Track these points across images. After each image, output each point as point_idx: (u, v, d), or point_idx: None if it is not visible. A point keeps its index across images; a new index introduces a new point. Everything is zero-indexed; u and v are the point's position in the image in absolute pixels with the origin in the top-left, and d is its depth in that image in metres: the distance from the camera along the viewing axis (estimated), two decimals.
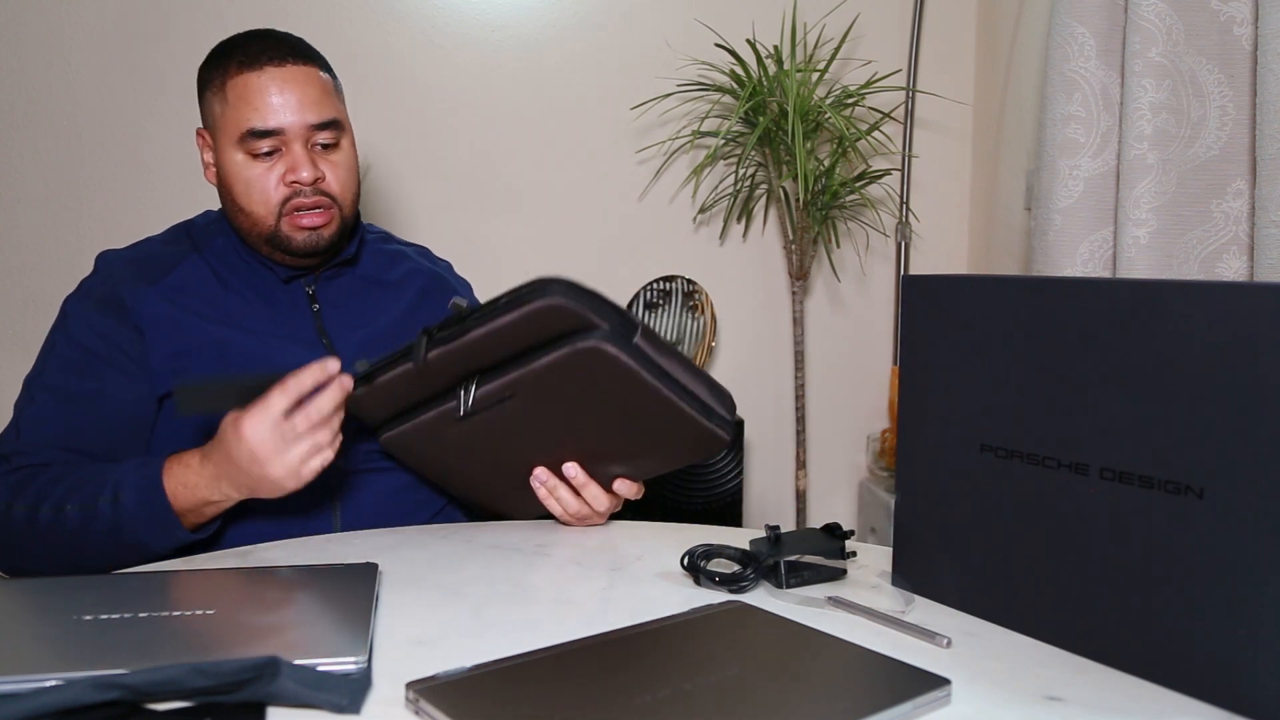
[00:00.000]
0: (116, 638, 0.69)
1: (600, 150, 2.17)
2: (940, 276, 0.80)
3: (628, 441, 0.99)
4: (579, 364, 0.91)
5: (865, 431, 2.30)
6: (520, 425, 0.97)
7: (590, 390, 0.93)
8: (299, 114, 1.10)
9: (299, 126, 1.10)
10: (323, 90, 1.13)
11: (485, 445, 1.01)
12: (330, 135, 1.13)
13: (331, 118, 1.13)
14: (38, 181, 2.03)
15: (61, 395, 1.08)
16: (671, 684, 0.62)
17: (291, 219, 1.12)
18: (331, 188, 1.14)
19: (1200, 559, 0.63)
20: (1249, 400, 0.60)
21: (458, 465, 1.06)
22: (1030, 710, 0.63)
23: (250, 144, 1.10)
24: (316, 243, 1.14)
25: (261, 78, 1.10)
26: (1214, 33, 1.45)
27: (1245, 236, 1.45)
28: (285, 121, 1.10)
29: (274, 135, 1.10)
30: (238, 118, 1.10)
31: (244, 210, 1.13)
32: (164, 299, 1.11)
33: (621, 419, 0.96)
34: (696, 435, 0.97)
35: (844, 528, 0.88)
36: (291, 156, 1.11)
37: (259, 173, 1.11)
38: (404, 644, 0.72)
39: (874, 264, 2.29)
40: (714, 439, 0.98)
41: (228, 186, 1.14)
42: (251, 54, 1.11)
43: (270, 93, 1.09)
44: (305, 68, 1.12)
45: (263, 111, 1.09)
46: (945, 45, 2.25)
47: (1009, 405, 0.74)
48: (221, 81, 1.12)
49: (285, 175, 1.11)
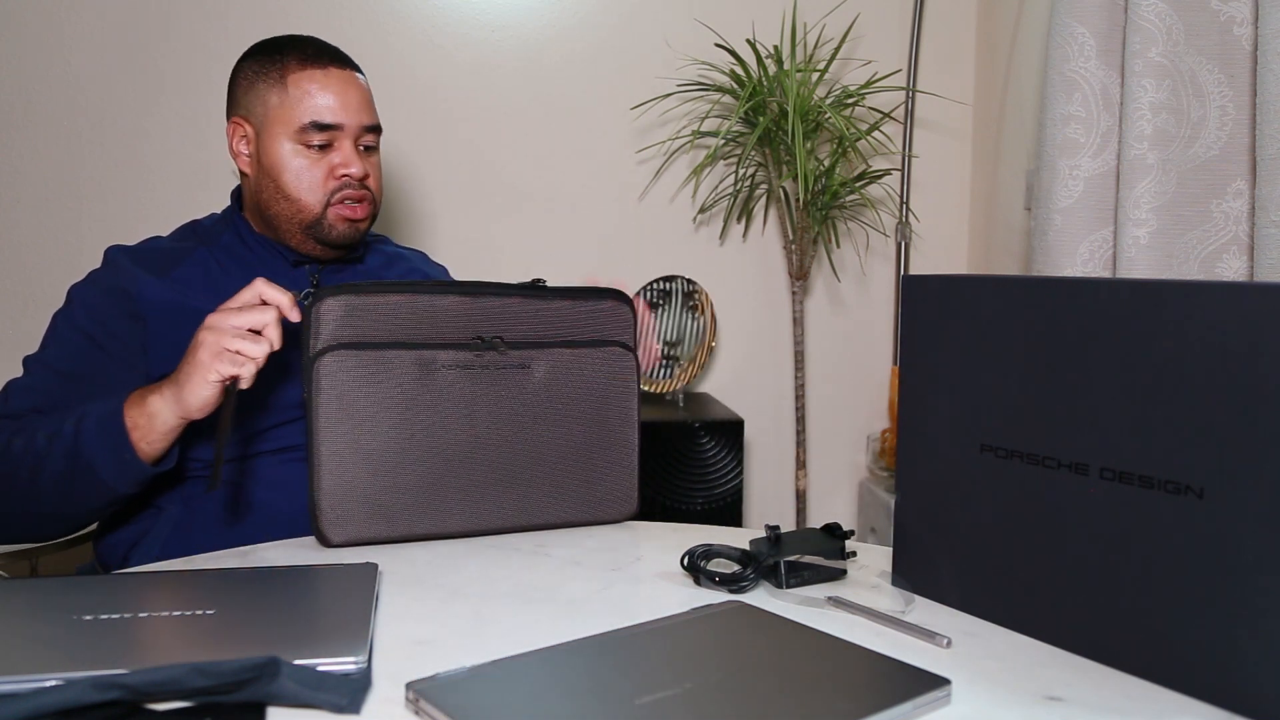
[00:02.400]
0: (116, 638, 0.68)
1: (600, 150, 2.17)
2: (940, 276, 0.80)
3: (572, 464, 1.04)
4: (607, 363, 1.04)
5: (865, 431, 2.30)
6: (510, 398, 1.00)
7: (591, 393, 1.03)
8: (357, 114, 1.19)
9: (355, 126, 1.19)
10: (370, 98, 1.24)
11: (454, 410, 1.00)
12: (374, 139, 1.23)
13: (378, 123, 1.23)
14: (38, 181, 2.03)
15: (54, 371, 1.12)
16: (671, 684, 0.62)
17: (339, 208, 1.19)
18: (373, 185, 1.23)
19: (1200, 559, 0.63)
20: (1249, 400, 0.60)
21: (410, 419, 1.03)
22: (1030, 710, 0.63)
23: (309, 135, 1.17)
24: (354, 235, 1.22)
25: (328, 76, 1.18)
26: (1214, 33, 1.45)
27: (1245, 236, 1.45)
28: (345, 119, 1.18)
29: (332, 130, 1.18)
30: (301, 109, 1.17)
31: (289, 197, 1.18)
32: (169, 289, 1.15)
33: (585, 431, 1.04)
34: (622, 490, 1.06)
35: (844, 528, 0.88)
36: (343, 153, 1.19)
37: (309, 163, 1.18)
38: (404, 644, 0.72)
39: (874, 264, 2.29)
40: (625, 506, 1.07)
41: (274, 175, 1.19)
42: (310, 53, 1.19)
43: (334, 91, 1.18)
44: (355, 74, 1.22)
45: (329, 107, 1.17)
46: (945, 45, 2.25)
47: (1009, 405, 0.74)
48: (280, 74, 1.18)
49: (336, 169, 1.19)
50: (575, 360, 1.04)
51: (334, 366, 0.94)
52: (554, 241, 2.17)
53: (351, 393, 0.95)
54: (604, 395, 1.05)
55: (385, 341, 0.97)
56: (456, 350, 0.99)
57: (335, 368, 0.94)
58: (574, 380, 1.04)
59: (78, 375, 1.12)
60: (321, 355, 0.94)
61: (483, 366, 1.00)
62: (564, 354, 1.03)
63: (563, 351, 1.03)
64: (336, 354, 0.95)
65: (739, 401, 2.21)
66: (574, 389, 1.04)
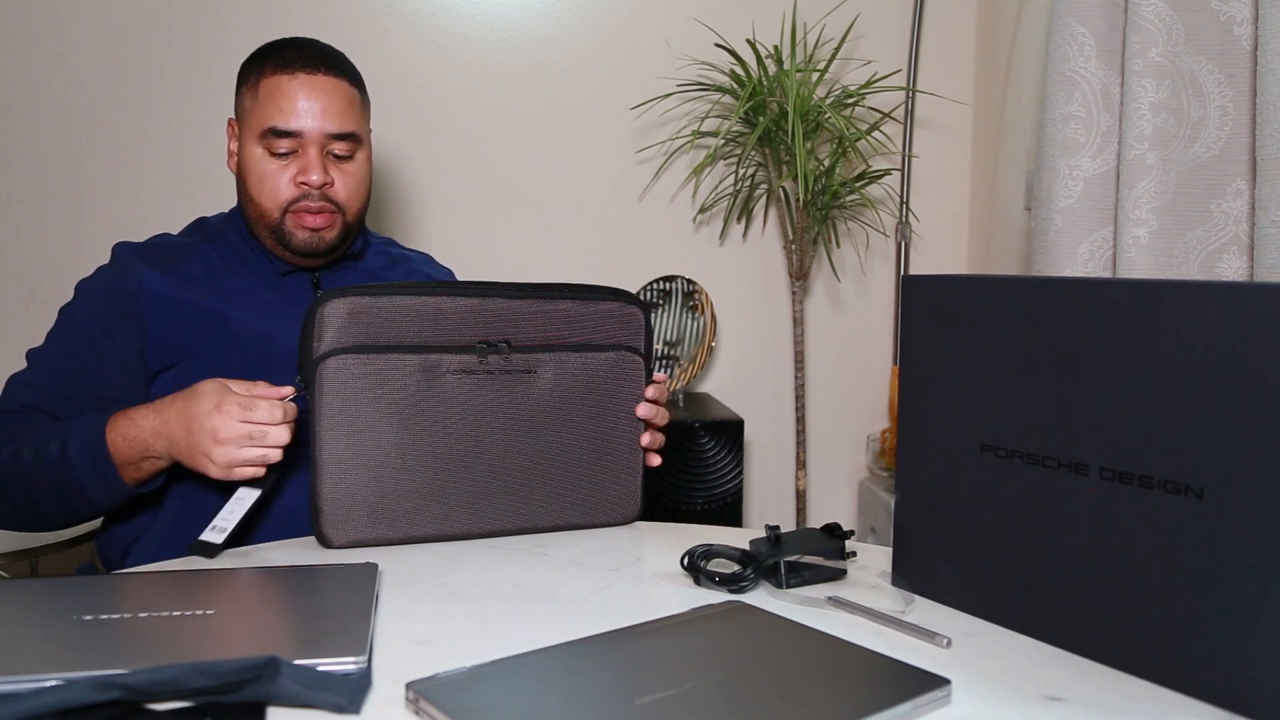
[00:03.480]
0: (116, 638, 0.69)
1: (600, 150, 2.17)
2: (940, 276, 0.80)
3: (576, 468, 1.04)
4: (614, 368, 1.05)
5: (865, 431, 2.30)
6: (514, 402, 1.01)
7: (597, 398, 1.04)
8: (320, 121, 1.17)
9: (317, 133, 1.17)
10: (348, 104, 1.20)
11: (458, 416, 1.00)
12: (346, 147, 1.19)
13: (350, 131, 1.19)
14: (38, 181, 2.03)
15: (51, 368, 1.13)
16: (671, 684, 0.62)
17: (296, 217, 1.18)
18: (338, 195, 1.20)
19: (1200, 559, 0.63)
20: (1249, 400, 0.60)
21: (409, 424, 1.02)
22: (1030, 710, 0.63)
23: (270, 141, 1.16)
24: (317, 244, 1.20)
25: (293, 82, 1.16)
26: (1214, 33, 1.45)
27: (1245, 236, 1.45)
28: (305, 126, 1.16)
29: (292, 137, 1.16)
30: (263, 114, 1.16)
31: (254, 200, 1.19)
32: (171, 284, 1.16)
33: (589, 435, 1.04)
34: (625, 494, 1.06)
35: (844, 528, 0.88)
36: (305, 160, 1.17)
37: (273, 169, 1.17)
38: (404, 644, 0.72)
39: (874, 264, 2.29)
40: (628, 510, 1.07)
41: (243, 177, 1.20)
42: (289, 58, 1.17)
43: (297, 97, 1.16)
44: (336, 80, 1.19)
45: (286, 113, 1.16)
46: (945, 45, 2.25)
47: (1009, 405, 0.74)
48: (256, 79, 1.18)
49: (297, 176, 1.17)
50: (582, 364, 1.04)
51: (337, 371, 0.94)
52: (554, 241, 2.17)
53: (354, 398, 0.95)
54: (611, 400, 1.05)
55: (389, 345, 0.96)
56: (462, 354, 0.98)
57: (338, 373, 0.94)
58: (580, 384, 1.03)
59: (73, 372, 1.13)
60: (325, 359, 0.94)
61: (487, 371, 0.99)
62: (571, 358, 1.03)
63: (570, 355, 1.03)
64: (340, 358, 0.94)
65: (739, 401, 2.21)
66: (580, 393, 1.03)
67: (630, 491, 1.07)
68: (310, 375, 0.95)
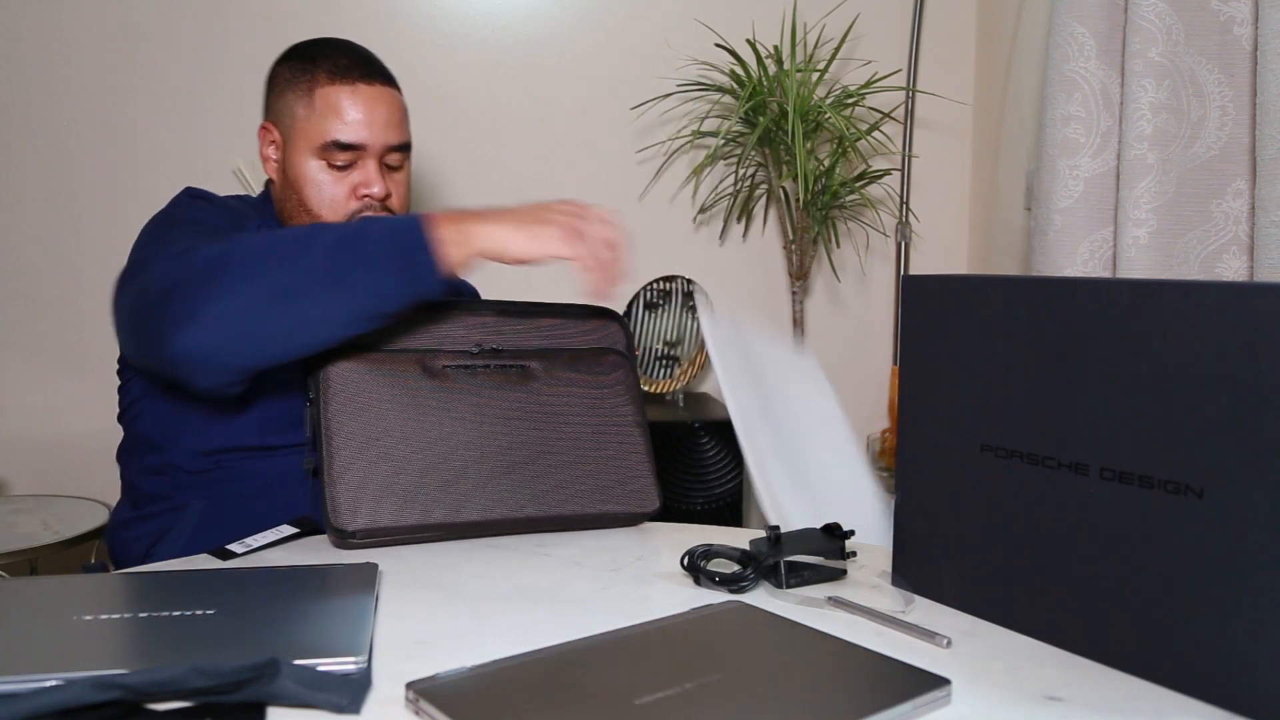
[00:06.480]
0: (116, 638, 0.69)
1: (600, 150, 2.17)
2: (940, 276, 0.80)
3: (579, 456, 1.05)
4: (602, 368, 1.07)
5: (865, 431, 2.30)
6: (513, 395, 1.03)
7: (587, 399, 1.06)
8: (382, 134, 1.16)
9: (379, 145, 1.16)
10: (402, 114, 1.20)
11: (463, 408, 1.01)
12: (400, 158, 1.20)
13: (406, 141, 1.20)
14: (37, 181, 2.03)
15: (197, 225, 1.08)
16: (671, 684, 0.62)
17: None
18: (394, 205, 1.20)
19: (1200, 559, 0.63)
20: (1249, 400, 0.60)
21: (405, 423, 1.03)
22: (1030, 710, 0.63)
23: (331, 154, 1.15)
24: None
25: (355, 94, 1.15)
26: (1214, 33, 1.45)
27: (1245, 236, 1.45)
28: (368, 139, 1.15)
29: (355, 150, 1.15)
30: (324, 127, 1.14)
31: (310, 212, 1.17)
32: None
33: (589, 430, 1.05)
34: (639, 486, 1.06)
35: (844, 528, 0.88)
36: (365, 172, 1.16)
37: (332, 180, 1.16)
38: (404, 644, 0.72)
39: (874, 264, 2.29)
40: (646, 501, 1.06)
41: (296, 188, 1.17)
42: (342, 67, 1.16)
43: (360, 109, 1.15)
44: (390, 90, 1.19)
45: (352, 126, 1.15)
46: (945, 45, 2.25)
47: (1009, 405, 0.74)
48: (309, 87, 1.16)
49: (358, 188, 1.16)
50: (572, 365, 1.07)
51: (341, 370, 0.97)
52: None
53: (360, 394, 0.97)
54: (604, 401, 1.08)
55: (390, 348, 1.00)
56: (458, 354, 1.03)
57: (342, 372, 0.97)
58: (575, 385, 1.07)
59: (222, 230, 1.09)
60: (329, 366, 0.97)
61: (484, 366, 1.03)
62: (560, 359, 1.07)
63: (559, 355, 1.07)
64: (343, 360, 0.97)
65: None
66: (574, 393, 1.06)
67: (645, 483, 1.07)
68: (314, 376, 0.97)
